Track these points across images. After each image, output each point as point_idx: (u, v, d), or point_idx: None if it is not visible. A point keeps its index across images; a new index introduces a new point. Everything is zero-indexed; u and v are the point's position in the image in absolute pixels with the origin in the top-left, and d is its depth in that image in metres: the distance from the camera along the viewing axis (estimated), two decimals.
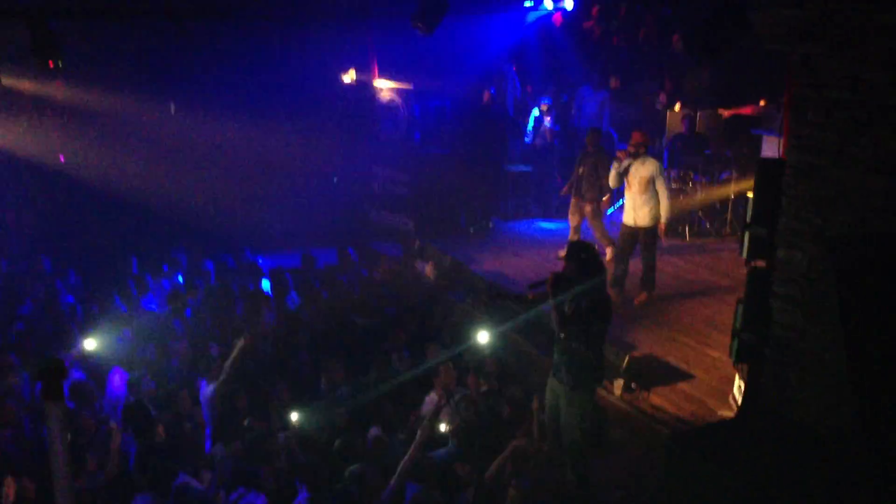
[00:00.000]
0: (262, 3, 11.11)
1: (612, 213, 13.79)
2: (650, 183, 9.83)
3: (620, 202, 13.75)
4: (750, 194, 6.71)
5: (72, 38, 12.58)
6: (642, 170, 9.87)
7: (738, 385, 7.35)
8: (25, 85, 13.61)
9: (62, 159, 14.15)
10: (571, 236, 11.51)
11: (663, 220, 9.93)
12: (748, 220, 6.58)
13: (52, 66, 8.78)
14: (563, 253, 6.84)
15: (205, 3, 9.60)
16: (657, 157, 13.32)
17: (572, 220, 11.60)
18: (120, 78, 13.83)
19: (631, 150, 9.99)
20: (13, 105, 14.09)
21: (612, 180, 10.29)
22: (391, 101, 14.41)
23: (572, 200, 11.57)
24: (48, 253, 12.25)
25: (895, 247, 5.00)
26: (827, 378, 5.89)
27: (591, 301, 6.63)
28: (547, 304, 6.94)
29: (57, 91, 14.11)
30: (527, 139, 14.71)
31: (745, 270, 6.97)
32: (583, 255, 6.80)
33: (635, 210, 9.93)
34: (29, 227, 13.56)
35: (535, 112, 14.63)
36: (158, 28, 12.63)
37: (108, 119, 14.46)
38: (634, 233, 10.03)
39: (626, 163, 9.98)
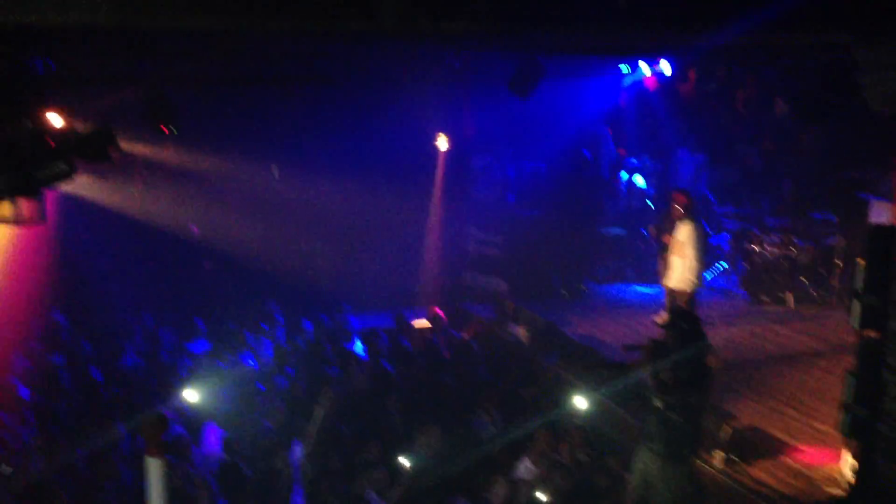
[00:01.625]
0: (361, 68, 11.46)
1: (710, 278, 13.48)
2: (683, 247, 9.83)
3: (719, 267, 13.49)
4: (860, 261, 6.44)
5: (183, 103, 13.22)
6: (679, 233, 9.96)
7: (849, 462, 6.96)
8: (139, 149, 14.29)
9: (195, 230, 14.72)
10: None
11: (687, 287, 9.84)
12: (859, 288, 6.30)
13: (166, 131, 9.20)
14: (662, 317, 6.68)
15: (308, 69, 9.96)
16: (758, 219, 13.10)
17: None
18: (226, 141, 14.36)
19: (674, 211, 10.08)
20: (127, 168, 14.79)
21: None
22: (487, 162, 14.53)
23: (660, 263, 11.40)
24: (149, 309, 12.67)
25: None
26: None
27: (691, 371, 6.44)
28: (643, 371, 6.78)
29: (168, 155, 14.74)
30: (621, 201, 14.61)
31: (853, 340, 6.67)
32: (684, 324, 6.64)
33: (672, 272, 10.07)
34: (134, 285, 14.08)
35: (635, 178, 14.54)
36: (264, 93, 13.14)
37: (214, 181, 15.02)
38: (671, 295, 10.13)
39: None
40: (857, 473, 6.56)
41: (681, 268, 9.90)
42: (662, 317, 10.05)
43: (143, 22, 5.26)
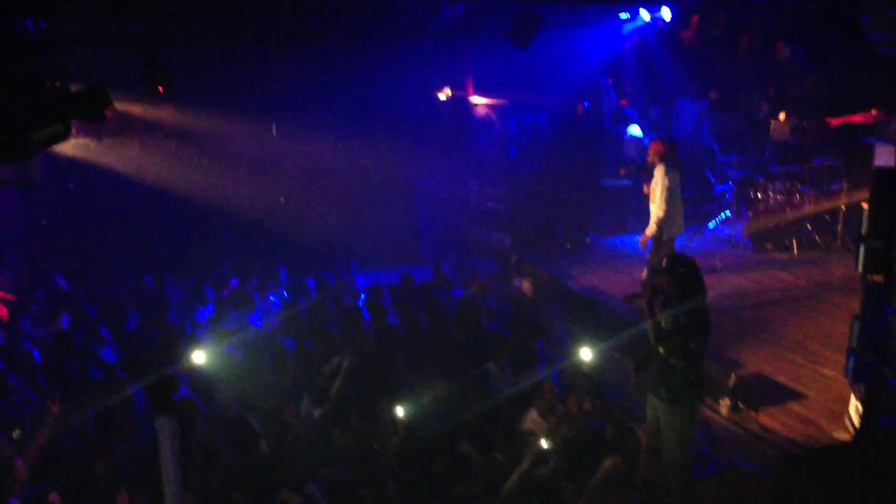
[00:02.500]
0: (360, 23, 11.30)
1: (713, 226, 13.45)
2: (653, 193, 9.96)
3: (722, 216, 13.44)
4: (865, 206, 6.40)
5: (178, 63, 13.09)
6: (653, 179, 10.02)
7: (855, 406, 7.00)
8: (136, 109, 14.20)
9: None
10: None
11: (647, 230, 9.96)
12: (864, 232, 6.28)
13: (161, 91, 9.11)
14: (665, 263, 6.66)
15: (304, 25, 9.82)
16: (761, 167, 13.01)
17: None
18: (223, 100, 14.26)
19: (649, 158, 10.17)
20: (125, 129, 14.71)
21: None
22: (486, 116, 14.41)
23: None
24: (153, 270, 12.68)
25: None
26: None
27: (689, 316, 6.44)
28: (644, 319, 6.81)
29: (166, 114, 14.66)
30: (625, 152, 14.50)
31: (859, 285, 6.66)
32: (681, 269, 6.61)
33: (650, 217, 10.11)
34: (133, 246, 14.09)
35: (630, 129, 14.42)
36: (260, 51, 13.00)
37: (213, 140, 14.95)
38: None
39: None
40: (863, 417, 6.60)
41: (651, 213, 10.02)
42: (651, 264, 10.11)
43: None
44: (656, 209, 9.91)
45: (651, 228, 9.97)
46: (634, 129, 14.39)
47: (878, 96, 12.04)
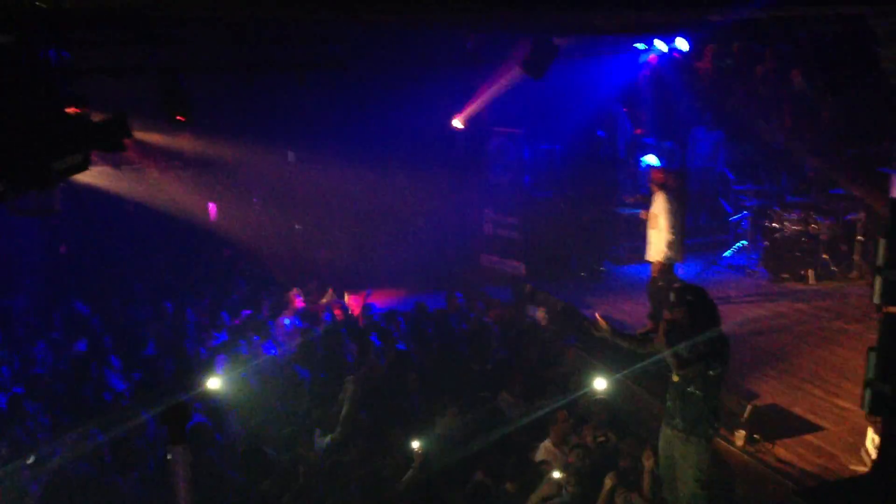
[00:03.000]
0: (377, 52, 11.43)
1: (729, 256, 13.41)
2: (656, 219, 10.09)
3: (738, 245, 13.41)
4: (881, 237, 6.36)
5: (197, 91, 13.24)
6: (654, 206, 10.20)
7: (872, 438, 6.92)
8: (154, 138, 14.36)
9: (213, 210, 14.82)
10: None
11: (659, 258, 10.02)
12: (880, 263, 6.23)
13: (181, 119, 9.22)
14: (672, 296, 6.65)
15: (323, 55, 9.95)
16: (777, 196, 12.99)
17: None
18: (241, 128, 14.42)
19: (650, 186, 10.37)
20: (145, 157, 14.88)
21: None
22: (502, 144, 14.48)
23: None
24: (171, 297, 12.76)
25: None
26: None
27: (709, 344, 6.42)
28: (662, 350, 6.79)
29: (184, 143, 14.82)
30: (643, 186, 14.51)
31: (875, 316, 6.61)
32: (689, 297, 6.61)
33: (648, 245, 10.31)
34: (154, 274, 14.18)
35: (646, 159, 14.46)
36: (279, 79, 13.15)
37: (230, 168, 15.09)
38: (652, 266, 10.30)
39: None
40: (881, 449, 6.52)
41: (654, 240, 10.11)
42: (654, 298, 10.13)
43: (159, 8, 5.24)
44: (664, 234, 9.98)
45: (661, 254, 9.98)
46: (651, 159, 14.41)
47: (891, 127, 12.01)
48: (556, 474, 7.15)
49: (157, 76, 9.04)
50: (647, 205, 10.50)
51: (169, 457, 3.60)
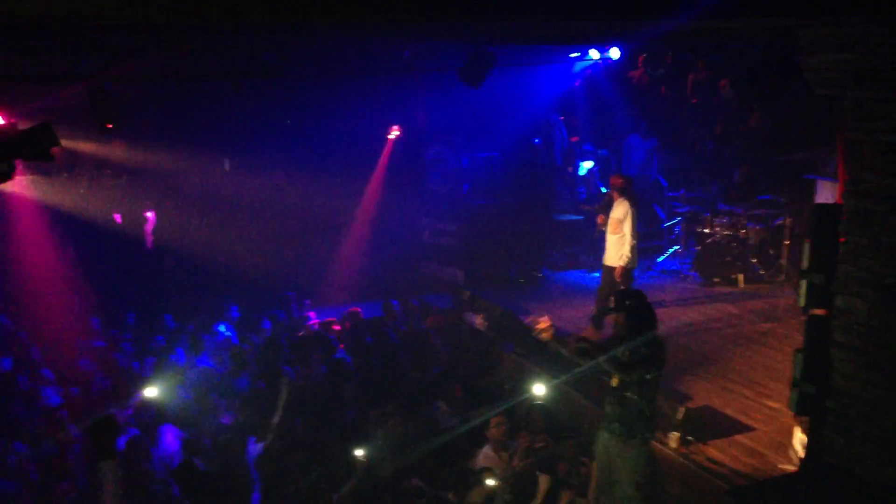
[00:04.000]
0: (313, 61, 11.36)
1: (662, 260, 13.68)
2: (620, 224, 10.12)
3: (671, 250, 13.70)
4: (807, 241, 6.58)
5: (128, 99, 12.98)
6: (616, 211, 10.25)
7: (800, 438, 7.12)
8: (85, 146, 14.02)
9: (118, 219, 14.51)
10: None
11: (621, 263, 10.11)
12: (805, 267, 6.44)
13: (109, 127, 9.03)
14: (611, 301, 6.76)
15: (257, 63, 9.86)
16: (708, 202, 13.29)
17: None
18: (175, 136, 14.17)
19: (610, 192, 10.47)
20: (74, 166, 14.51)
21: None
22: (439, 153, 14.52)
23: None
24: (103, 310, 12.46)
25: None
26: (891, 430, 5.68)
27: (647, 347, 6.54)
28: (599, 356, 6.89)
29: (116, 151, 14.50)
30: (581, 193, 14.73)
31: (802, 318, 6.81)
32: (627, 301, 6.73)
33: (607, 249, 10.35)
34: (83, 285, 13.80)
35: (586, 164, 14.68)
36: (212, 88, 12.98)
37: (164, 177, 14.82)
38: (606, 271, 10.37)
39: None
40: (807, 448, 6.72)
41: (617, 245, 10.17)
42: (600, 303, 10.24)
43: (86, 15, 5.12)
44: (629, 239, 10.05)
45: (624, 259, 10.09)
46: (588, 165, 14.64)
47: (816, 135, 12.40)
48: (491, 482, 7.18)
49: (85, 84, 8.84)
50: (602, 211, 10.56)
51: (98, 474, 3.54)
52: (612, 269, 10.24)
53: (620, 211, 10.19)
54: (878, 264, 5.77)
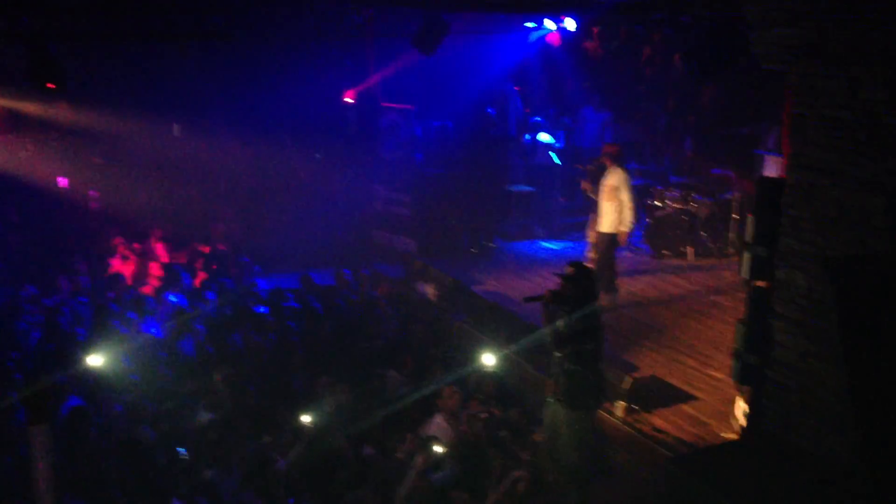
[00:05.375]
0: (264, 24, 11.16)
1: None
2: (614, 192, 10.19)
3: None
4: (750, 214, 6.67)
5: (75, 60, 12.63)
6: (610, 179, 10.30)
7: (741, 407, 7.26)
8: (29, 107, 13.65)
9: (63, 183, 14.17)
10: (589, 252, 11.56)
11: (625, 228, 10.23)
12: (749, 240, 6.53)
13: (52, 87, 8.76)
14: (569, 269, 6.79)
15: (205, 25, 9.64)
16: (660, 176, 13.41)
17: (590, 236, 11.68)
18: (124, 100, 13.87)
19: (602, 159, 10.50)
20: (18, 127, 14.13)
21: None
22: (393, 121, 14.41)
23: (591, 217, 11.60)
24: (42, 275, 12.18)
25: (894, 266, 4.94)
26: (829, 401, 5.81)
27: (584, 320, 6.61)
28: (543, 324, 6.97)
29: (61, 113, 14.14)
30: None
31: (746, 291, 6.92)
32: (586, 280, 6.80)
33: (601, 217, 10.38)
34: (27, 251, 13.48)
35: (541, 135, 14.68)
36: (161, 50, 12.70)
37: (112, 141, 14.50)
38: (601, 237, 10.46)
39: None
40: (748, 418, 6.86)
41: (614, 212, 10.21)
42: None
43: None
44: (627, 206, 10.13)
45: (625, 224, 10.18)
46: (544, 137, 14.64)
47: (764, 110, 12.57)
48: (439, 448, 7.22)
49: (25, 43, 8.56)
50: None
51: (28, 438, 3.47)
52: (605, 234, 10.29)
53: (615, 178, 10.23)
54: (819, 238, 5.86)
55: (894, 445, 4.13)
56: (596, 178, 10.95)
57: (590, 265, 8.48)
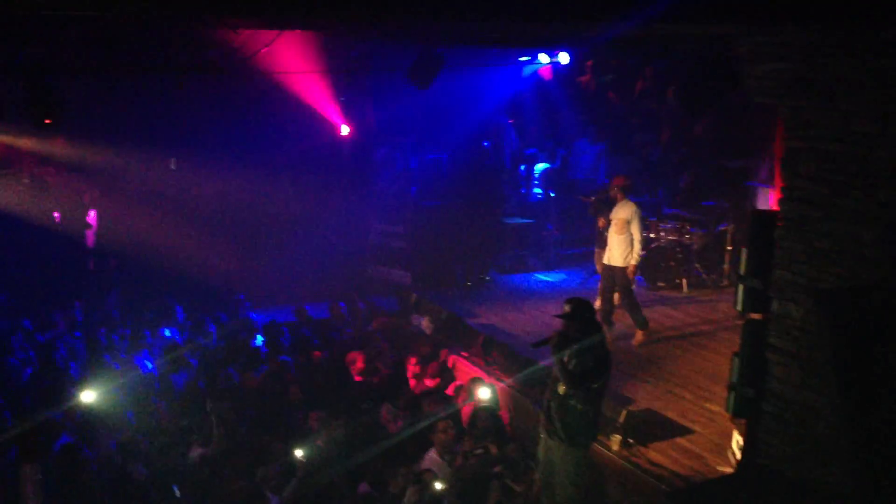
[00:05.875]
0: (260, 59, 11.23)
1: None
2: (626, 225, 10.18)
3: None
4: (743, 247, 6.69)
5: (72, 94, 12.68)
6: (621, 212, 10.29)
7: (737, 440, 7.23)
8: (26, 142, 13.68)
9: (57, 218, 14.18)
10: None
11: (633, 261, 10.22)
12: (743, 272, 6.55)
13: (48, 122, 8.78)
14: (566, 307, 6.79)
15: (200, 58, 9.71)
16: (654, 207, 13.44)
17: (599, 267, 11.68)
18: (121, 134, 13.91)
19: (612, 192, 10.46)
20: (15, 162, 14.16)
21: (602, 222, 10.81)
22: (388, 154, 14.48)
23: (597, 251, 11.58)
24: (37, 311, 12.14)
25: (887, 298, 4.95)
26: (824, 432, 5.79)
27: (594, 358, 6.59)
28: (546, 360, 6.96)
29: (58, 148, 14.18)
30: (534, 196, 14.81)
31: (741, 323, 6.91)
32: (587, 313, 6.79)
33: (611, 249, 10.36)
34: (19, 285, 13.43)
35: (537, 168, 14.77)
36: (158, 84, 12.75)
37: (109, 175, 14.53)
38: (610, 271, 10.40)
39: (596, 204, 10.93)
40: (743, 450, 6.83)
41: (624, 245, 10.21)
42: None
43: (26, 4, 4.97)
44: (638, 237, 10.15)
45: (635, 257, 10.19)
46: (541, 166, 14.74)
47: (756, 143, 12.62)
48: (438, 485, 7.16)
49: (23, 77, 8.60)
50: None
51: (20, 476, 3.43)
52: (615, 268, 10.31)
53: (626, 211, 10.24)
54: (812, 270, 5.89)
55: (890, 475, 4.11)
56: (598, 210, 11.00)
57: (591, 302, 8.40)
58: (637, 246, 10.18)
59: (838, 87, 5.59)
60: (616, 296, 10.48)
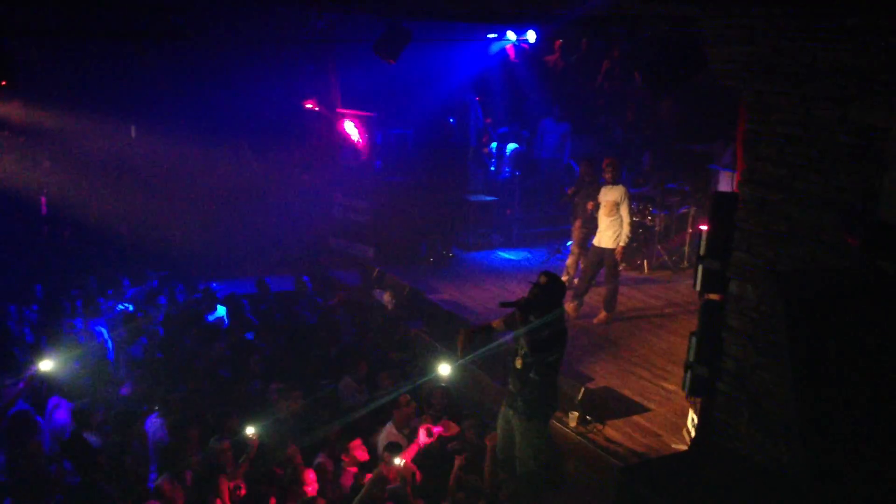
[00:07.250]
0: (225, 26, 11.03)
1: (571, 244, 13.86)
2: (615, 207, 10.26)
3: None
4: (703, 228, 6.75)
5: (30, 57, 12.38)
6: (610, 194, 10.39)
7: (692, 418, 7.34)
8: None
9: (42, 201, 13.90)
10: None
11: (621, 243, 10.33)
12: (702, 253, 6.61)
13: (3, 84, 8.56)
14: (543, 278, 6.80)
15: (165, 25, 9.51)
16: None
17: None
18: (80, 99, 13.62)
19: (606, 173, 10.53)
20: None
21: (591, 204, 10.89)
22: (353, 128, 14.37)
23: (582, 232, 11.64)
24: None
25: (843, 282, 5.03)
26: (775, 412, 5.90)
27: (552, 331, 6.63)
28: (506, 333, 7.00)
29: (14, 111, 13.85)
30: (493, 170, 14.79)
31: (698, 303, 6.99)
32: (558, 289, 6.82)
33: (601, 232, 10.46)
34: None
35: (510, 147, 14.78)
36: (119, 49, 12.50)
37: (66, 140, 14.23)
38: (599, 253, 10.48)
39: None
40: (698, 429, 6.94)
41: (613, 226, 10.31)
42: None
43: None
44: (626, 219, 10.25)
45: (624, 238, 10.28)
46: (506, 148, 14.74)
47: (719, 126, 12.74)
48: (398, 461, 7.17)
49: None
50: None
51: None
52: (603, 249, 10.38)
53: (616, 194, 10.32)
54: (770, 252, 5.95)
55: (835, 455, 4.20)
56: (588, 195, 11.06)
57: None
58: (626, 228, 10.28)
59: (801, 71, 5.63)
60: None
